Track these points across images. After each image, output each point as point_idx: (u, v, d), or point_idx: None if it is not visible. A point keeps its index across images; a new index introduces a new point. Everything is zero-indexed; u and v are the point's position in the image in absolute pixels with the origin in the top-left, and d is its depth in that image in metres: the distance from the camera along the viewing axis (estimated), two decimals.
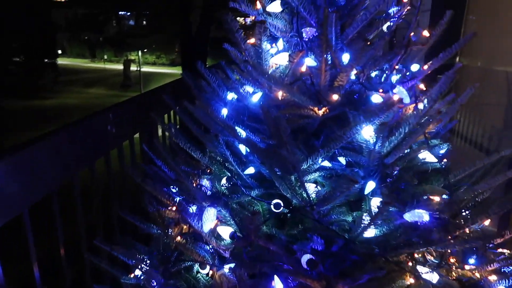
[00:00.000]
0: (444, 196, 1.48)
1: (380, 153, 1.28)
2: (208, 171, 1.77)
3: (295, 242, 1.43)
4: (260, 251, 1.28)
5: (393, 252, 1.21)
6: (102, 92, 17.74)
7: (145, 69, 20.25)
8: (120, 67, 20.07)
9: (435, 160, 1.61)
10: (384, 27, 1.57)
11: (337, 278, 1.14)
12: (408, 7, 1.57)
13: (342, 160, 1.42)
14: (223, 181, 1.59)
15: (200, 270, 1.50)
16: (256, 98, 1.54)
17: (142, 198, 1.76)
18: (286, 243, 1.39)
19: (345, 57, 1.38)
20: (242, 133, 1.45)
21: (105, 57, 24.68)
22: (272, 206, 1.36)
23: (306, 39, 1.44)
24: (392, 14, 1.55)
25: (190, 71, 1.83)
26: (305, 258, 1.17)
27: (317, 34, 1.44)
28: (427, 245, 1.17)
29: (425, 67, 1.40)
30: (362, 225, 1.22)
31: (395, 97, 1.27)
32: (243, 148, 1.56)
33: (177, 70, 18.96)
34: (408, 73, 1.54)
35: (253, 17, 1.65)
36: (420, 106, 1.53)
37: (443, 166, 1.60)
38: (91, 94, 17.17)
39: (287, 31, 1.54)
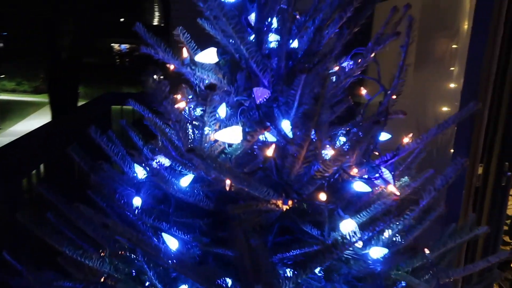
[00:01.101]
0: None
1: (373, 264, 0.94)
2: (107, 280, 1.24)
3: None
4: None
5: None
6: None
7: (2, 97, 17.61)
8: None
9: None
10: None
11: None
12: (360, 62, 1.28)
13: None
14: None
15: None
16: (185, 182, 1.09)
17: None
18: None
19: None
20: (171, 243, 0.98)
21: None
22: None
23: (258, 102, 1.05)
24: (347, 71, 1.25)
25: (59, 100, 1.32)
26: None
27: (270, 96, 1.06)
28: None
29: (406, 140, 1.11)
30: None
31: (391, 189, 0.95)
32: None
33: (42, 98, 16.84)
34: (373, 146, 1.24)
35: (172, 67, 1.21)
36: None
37: None
38: None
39: (225, 89, 1.13)
